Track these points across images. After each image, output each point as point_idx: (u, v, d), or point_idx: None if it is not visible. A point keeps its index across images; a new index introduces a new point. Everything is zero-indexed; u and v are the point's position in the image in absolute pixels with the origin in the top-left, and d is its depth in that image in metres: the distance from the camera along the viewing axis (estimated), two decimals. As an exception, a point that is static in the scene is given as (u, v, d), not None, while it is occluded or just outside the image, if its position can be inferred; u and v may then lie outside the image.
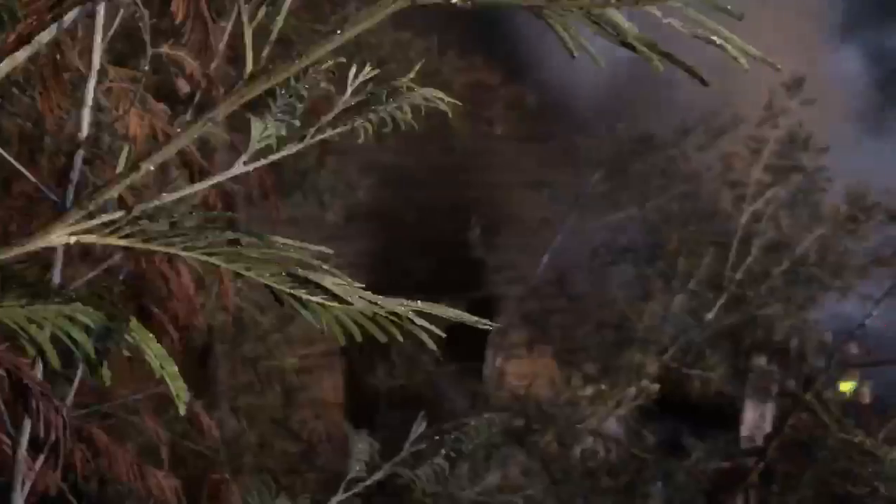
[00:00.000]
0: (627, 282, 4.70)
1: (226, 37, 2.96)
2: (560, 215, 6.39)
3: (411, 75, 1.06)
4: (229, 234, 0.88)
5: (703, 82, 0.77)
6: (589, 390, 3.58)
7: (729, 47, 0.74)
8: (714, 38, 0.73)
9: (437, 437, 1.51)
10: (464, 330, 0.97)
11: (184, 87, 2.68)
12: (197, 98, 2.63)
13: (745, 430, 7.54)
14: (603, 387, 3.73)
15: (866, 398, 8.75)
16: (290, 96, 1.00)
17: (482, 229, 7.45)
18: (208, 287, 3.24)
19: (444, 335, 0.95)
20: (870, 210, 4.55)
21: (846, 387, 8.62)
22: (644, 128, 6.12)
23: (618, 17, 0.75)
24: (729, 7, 0.72)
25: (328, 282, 0.89)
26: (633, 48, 0.76)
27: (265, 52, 0.91)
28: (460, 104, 1.05)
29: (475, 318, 0.96)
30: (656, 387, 3.60)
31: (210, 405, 3.48)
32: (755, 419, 7.93)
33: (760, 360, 5.16)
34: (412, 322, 0.90)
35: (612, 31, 0.77)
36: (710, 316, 4.35)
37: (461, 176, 7.31)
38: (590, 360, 4.28)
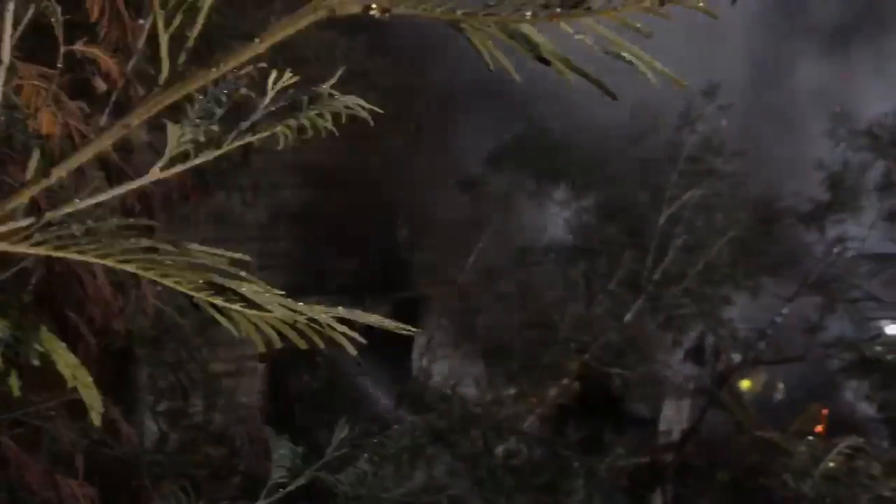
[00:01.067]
0: (552, 282, 4.79)
1: (144, 35, 2.89)
2: (486, 216, 6.45)
3: (332, 81, 1.06)
4: (145, 242, 0.86)
5: (613, 97, 0.80)
6: (513, 390, 3.63)
7: (638, 63, 0.78)
8: (624, 54, 0.77)
9: (360, 442, 1.51)
10: (391, 331, 0.97)
11: (100, 85, 2.60)
12: (114, 97, 2.56)
13: (663, 426, 7.75)
14: (526, 386, 3.78)
15: (779, 394, 9.14)
16: (209, 101, 0.99)
17: (408, 230, 7.46)
18: (128, 290, 3.15)
19: (365, 342, 0.95)
20: (780, 213, 4.77)
21: (746, 384, 9.01)
22: (570, 130, 6.24)
23: (532, 32, 0.78)
24: (639, 25, 0.76)
25: (246, 289, 0.89)
26: (547, 62, 0.79)
27: (182, 58, 0.90)
28: (381, 111, 1.06)
29: (396, 324, 0.97)
30: (577, 385, 3.68)
31: (130, 410, 3.39)
32: (672, 415, 8.17)
33: (677, 358, 5.33)
34: (333, 329, 0.90)
35: (527, 46, 0.79)
36: (628, 316, 4.48)
37: (387, 176, 7.29)
38: (514, 360, 4.34)
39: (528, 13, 0.77)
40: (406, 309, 7.93)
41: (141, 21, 2.72)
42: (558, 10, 0.77)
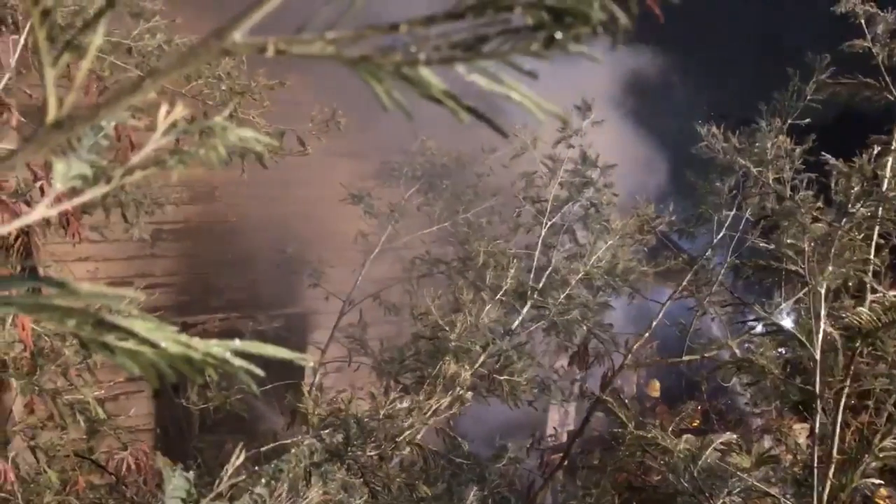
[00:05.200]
0: (442, 293, 4.87)
1: (18, 50, 2.78)
2: (376, 229, 6.51)
3: (226, 113, 1.08)
4: (29, 283, 0.86)
5: (503, 135, 0.88)
6: (406, 402, 3.68)
7: (527, 103, 0.85)
8: (513, 94, 0.84)
9: (257, 468, 1.52)
10: (282, 346, 1.00)
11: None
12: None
13: (550, 429, 8.00)
14: (420, 397, 3.84)
15: (656, 391, 9.62)
16: (97, 134, 0.99)
17: (298, 244, 7.39)
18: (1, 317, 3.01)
19: (262, 373, 0.98)
20: (652, 222, 5.05)
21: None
22: (453, 145, 6.38)
23: (427, 74, 0.83)
24: (527, 68, 0.83)
25: (138, 326, 0.89)
26: (439, 102, 0.85)
27: (70, 99, 0.90)
28: (276, 144, 1.09)
29: (295, 354, 0.99)
30: (469, 395, 3.76)
31: (4, 443, 3.24)
32: (560, 417, 8.45)
33: (562, 362, 5.53)
34: (229, 363, 0.92)
35: (421, 87, 0.85)
36: (516, 324, 4.62)
37: (275, 191, 7.23)
38: (407, 372, 4.39)
39: (423, 56, 0.82)
40: (298, 323, 7.87)
41: (14, 37, 2.62)
42: (453, 53, 0.82)
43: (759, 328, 4.61)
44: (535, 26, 0.75)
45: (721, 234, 4.93)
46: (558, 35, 0.74)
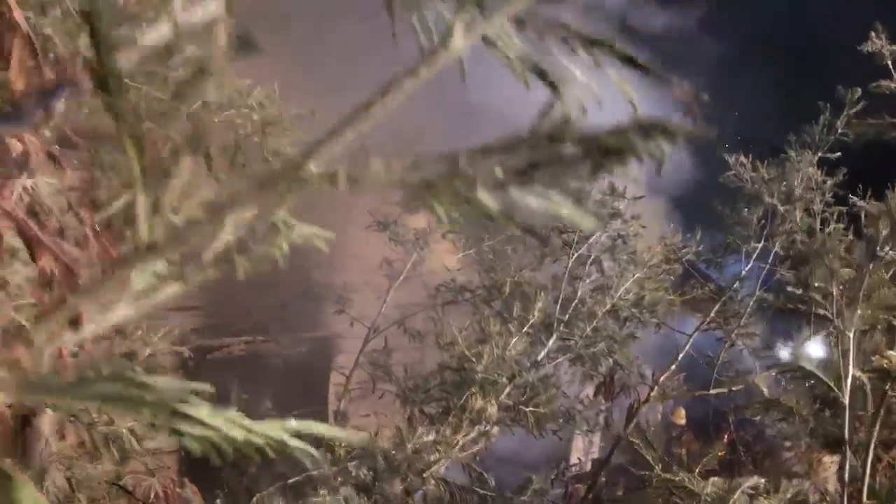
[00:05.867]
0: (469, 324, 4.91)
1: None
2: (401, 255, 6.55)
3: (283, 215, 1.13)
4: (113, 385, 0.91)
5: (545, 244, 0.92)
6: (432, 435, 3.71)
7: (575, 219, 0.89)
8: (563, 211, 0.88)
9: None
10: (307, 372, 1.05)
11: (15, 147, 2.57)
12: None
13: (574, 458, 7.98)
14: (446, 430, 3.86)
15: (682, 420, 9.56)
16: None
17: (324, 269, 7.46)
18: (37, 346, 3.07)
19: (315, 452, 1.03)
20: (680, 252, 5.06)
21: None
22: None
23: (485, 196, 0.88)
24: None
25: (203, 413, 0.95)
26: (493, 220, 0.89)
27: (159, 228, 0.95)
28: (333, 237, 1.14)
29: (350, 435, 1.03)
30: (496, 429, 3.78)
31: (39, 475, 3.30)
32: (585, 446, 8.42)
33: (587, 392, 5.53)
34: (286, 444, 0.97)
35: (478, 207, 0.89)
36: (541, 356, 4.64)
37: (302, 215, 7.31)
38: (432, 402, 4.41)
39: (480, 182, 0.88)
40: (322, 347, 7.92)
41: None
42: (508, 179, 0.87)
43: (788, 359, 4.58)
44: (585, 156, 0.79)
45: (749, 265, 4.93)
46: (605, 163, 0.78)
